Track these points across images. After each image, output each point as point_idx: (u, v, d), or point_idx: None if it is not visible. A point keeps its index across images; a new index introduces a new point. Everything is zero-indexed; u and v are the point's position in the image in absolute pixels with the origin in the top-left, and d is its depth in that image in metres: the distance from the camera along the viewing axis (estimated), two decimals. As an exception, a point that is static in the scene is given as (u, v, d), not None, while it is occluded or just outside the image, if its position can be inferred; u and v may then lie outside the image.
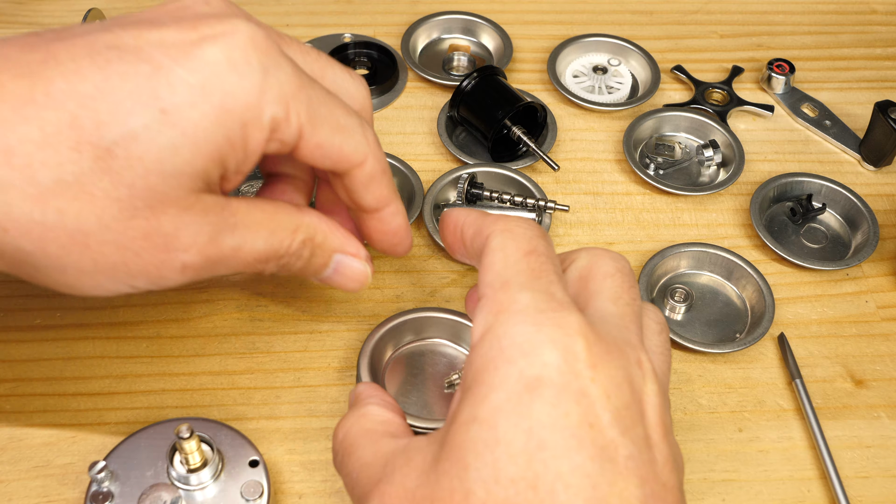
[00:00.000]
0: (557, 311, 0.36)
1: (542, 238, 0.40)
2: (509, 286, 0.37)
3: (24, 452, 0.48)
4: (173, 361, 0.51)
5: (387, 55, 0.67)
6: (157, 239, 0.38)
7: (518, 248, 0.39)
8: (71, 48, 0.37)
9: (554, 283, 0.38)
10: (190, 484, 0.44)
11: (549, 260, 0.39)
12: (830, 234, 0.60)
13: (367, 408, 0.43)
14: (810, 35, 0.73)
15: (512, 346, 0.36)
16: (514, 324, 0.36)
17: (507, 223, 0.40)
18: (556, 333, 0.35)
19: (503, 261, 0.39)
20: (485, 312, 0.37)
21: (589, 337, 0.36)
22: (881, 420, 0.51)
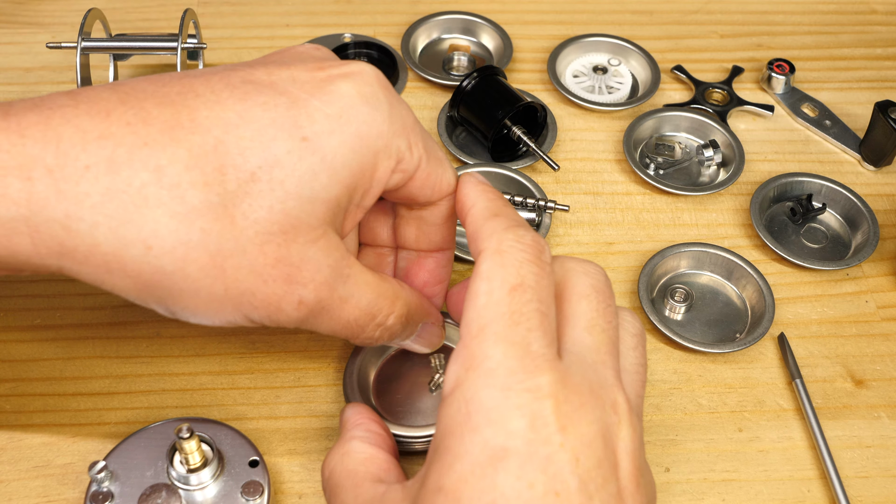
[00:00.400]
0: (528, 371, 0.36)
1: (533, 263, 0.38)
2: (484, 334, 0.36)
3: (24, 452, 0.48)
4: (173, 361, 0.51)
5: (387, 55, 0.67)
6: (284, 268, 0.39)
7: (504, 281, 0.38)
8: (208, 82, 0.39)
9: (533, 328, 0.37)
10: (190, 484, 0.44)
11: (535, 296, 0.38)
12: (830, 234, 0.60)
13: (350, 444, 0.43)
14: (810, 35, 0.73)
15: (479, 412, 0.35)
16: (482, 387, 0.36)
17: (500, 242, 0.39)
18: (525, 399, 0.35)
19: (486, 296, 0.37)
20: (458, 363, 0.37)
21: (559, 396, 0.35)
22: (881, 420, 0.51)
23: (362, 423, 0.45)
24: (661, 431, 0.50)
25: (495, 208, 0.41)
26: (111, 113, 0.37)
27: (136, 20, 0.70)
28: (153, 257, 0.37)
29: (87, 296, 0.54)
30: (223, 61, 0.67)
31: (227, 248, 0.38)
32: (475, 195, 0.42)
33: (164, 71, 0.66)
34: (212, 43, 0.68)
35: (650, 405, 0.51)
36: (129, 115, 0.37)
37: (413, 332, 0.47)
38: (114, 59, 0.63)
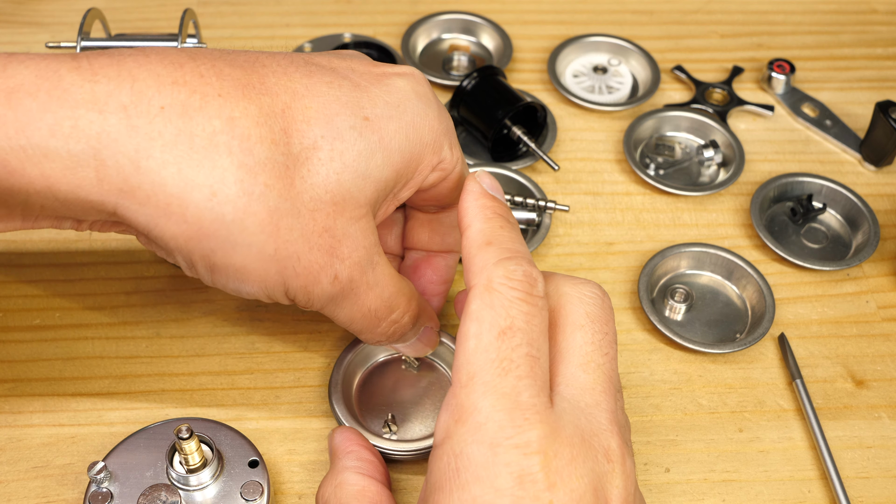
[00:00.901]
0: (517, 425, 0.35)
1: (524, 301, 0.38)
2: (474, 384, 0.36)
3: (24, 453, 0.47)
4: (173, 361, 0.51)
5: (387, 55, 0.67)
6: (329, 238, 0.40)
7: (493, 324, 0.37)
8: (273, 57, 0.41)
9: (524, 376, 0.36)
10: (190, 484, 0.44)
11: (525, 338, 0.37)
12: (831, 234, 0.60)
13: (343, 475, 0.43)
14: (811, 35, 0.73)
15: (467, 468, 0.35)
16: (470, 442, 0.35)
17: (490, 278, 0.38)
18: (513, 455, 0.35)
19: (476, 339, 0.37)
20: (448, 413, 0.37)
21: (549, 451, 0.35)
22: (882, 420, 0.51)
23: (353, 451, 0.44)
24: (661, 432, 0.50)
25: (490, 232, 0.40)
26: (184, 65, 0.39)
27: (135, 20, 0.70)
28: (216, 203, 0.38)
29: (87, 296, 0.54)
30: (223, 61, 0.67)
31: (284, 207, 0.39)
32: (473, 213, 0.41)
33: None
34: (212, 43, 0.68)
35: (650, 405, 0.51)
36: (202, 68, 0.39)
37: (416, 335, 0.47)
38: (113, 58, 0.63)
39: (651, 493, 0.48)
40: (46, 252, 0.56)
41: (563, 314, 0.40)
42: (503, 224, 0.41)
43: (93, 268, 0.55)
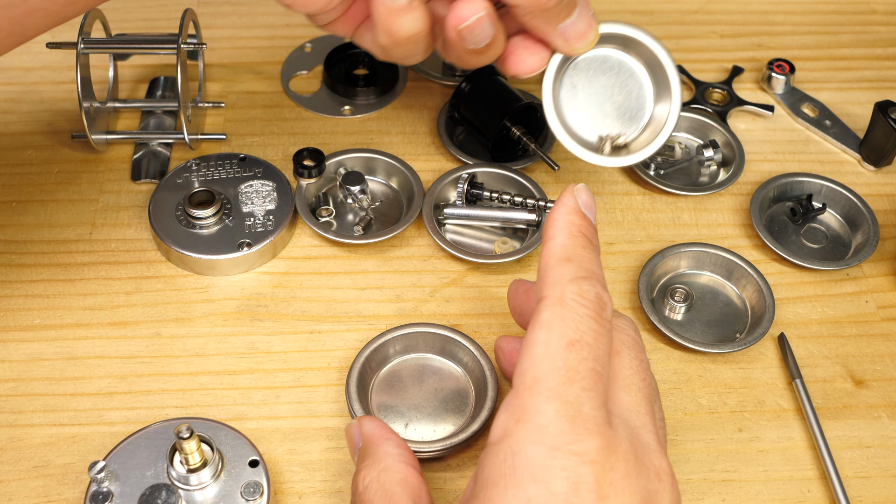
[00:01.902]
0: (578, 433, 0.36)
1: (594, 320, 0.38)
2: (538, 388, 0.37)
3: (24, 452, 0.48)
4: (173, 361, 0.51)
5: (387, 55, 0.67)
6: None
7: (563, 335, 0.38)
8: None
9: (587, 388, 0.37)
10: (190, 484, 0.44)
11: (592, 354, 0.38)
12: (830, 234, 0.60)
13: (387, 460, 0.43)
14: (810, 35, 0.73)
15: (525, 467, 0.35)
16: (530, 442, 0.36)
17: (563, 293, 0.39)
18: (571, 461, 0.35)
19: (544, 347, 0.37)
20: (508, 412, 0.37)
21: (605, 464, 0.36)
22: (881, 420, 0.51)
23: (392, 439, 0.45)
24: (661, 431, 0.50)
25: (571, 249, 0.40)
26: None
27: (135, 20, 0.70)
28: None
29: (87, 296, 0.54)
30: (223, 61, 0.67)
31: None
32: (559, 226, 0.41)
33: (164, 70, 0.66)
34: (212, 43, 0.68)
35: (650, 405, 0.51)
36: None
37: (573, 12, 0.49)
38: (114, 58, 0.63)
39: (651, 492, 0.48)
40: (46, 252, 0.56)
41: None
42: (586, 244, 0.41)
43: (93, 268, 0.55)
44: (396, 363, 0.51)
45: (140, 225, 0.57)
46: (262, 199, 0.57)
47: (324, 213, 0.58)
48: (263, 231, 0.56)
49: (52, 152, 0.61)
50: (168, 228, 0.55)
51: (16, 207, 0.58)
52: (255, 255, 0.55)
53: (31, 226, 0.57)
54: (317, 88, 0.66)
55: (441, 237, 0.56)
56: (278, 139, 0.63)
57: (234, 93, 0.65)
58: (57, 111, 0.63)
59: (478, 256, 0.56)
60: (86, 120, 0.57)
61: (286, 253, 0.57)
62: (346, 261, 0.57)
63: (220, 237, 0.55)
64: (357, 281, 0.56)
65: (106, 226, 0.57)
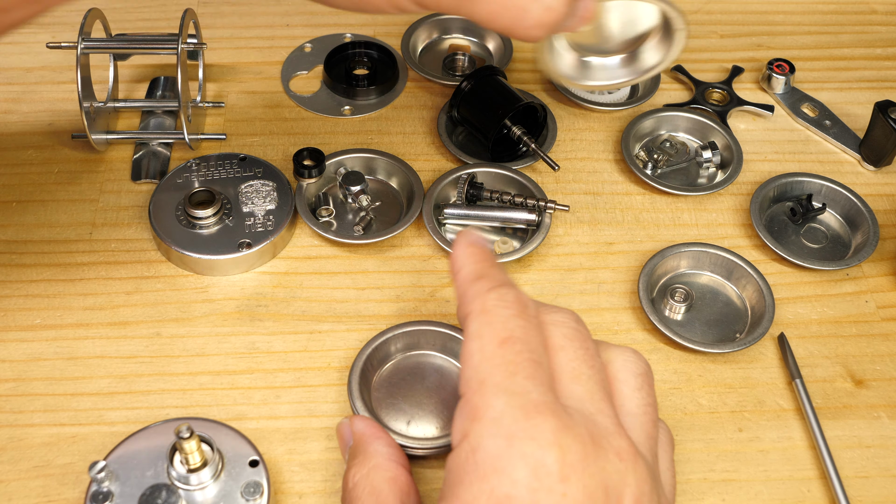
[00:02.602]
0: (532, 418, 0.36)
1: (518, 317, 0.39)
2: (485, 388, 0.37)
3: (25, 452, 0.48)
4: (173, 361, 0.51)
5: (387, 55, 0.67)
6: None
7: (494, 336, 0.39)
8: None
9: (530, 377, 0.38)
10: (190, 484, 0.44)
11: (525, 346, 0.39)
12: (830, 234, 0.60)
13: (377, 458, 0.44)
14: (810, 35, 0.73)
15: (484, 461, 0.36)
16: (487, 436, 0.36)
17: (484, 302, 0.40)
18: (528, 447, 0.36)
19: (479, 353, 0.38)
20: (463, 416, 0.38)
21: (562, 444, 0.36)
22: (881, 420, 0.51)
23: (382, 438, 0.45)
24: (661, 431, 0.50)
25: (480, 270, 0.42)
26: None
27: (135, 20, 0.70)
28: None
29: (87, 296, 0.54)
30: (223, 61, 0.67)
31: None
32: (463, 258, 0.43)
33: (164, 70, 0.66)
34: (212, 43, 0.68)
35: (650, 405, 0.51)
36: None
37: (573, 14, 0.45)
38: (114, 58, 0.63)
39: (651, 492, 0.48)
40: (46, 252, 0.56)
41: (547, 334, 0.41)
42: (492, 264, 0.43)
43: (93, 268, 0.55)
44: (398, 361, 0.51)
45: (140, 225, 0.57)
46: (262, 199, 0.57)
47: (324, 213, 0.58)
48: (263, 231, 0.56)
49: (52, 152, 0.61)
50: (168, 228, 0.55)
51: (16, 207, 0.58)
52: (255, 255, 0.55)
53: (31, 226, 0.57)
54: (317, 88, 0.66)
55: (441, 237, 0.56)
56: (278, 139, 0.63)
57: (234, 93, 0.65)
58: (57, 111, 0.63)
59: (478, 256, 0.56)
60: (86, 120, 0.57)
61: (286, 253, 0.57)
62: (346, 261, 0.57)
63: (220, 237, 0.55)
64: (357, 281, 0.56)
65: (106, 226, 0.57)
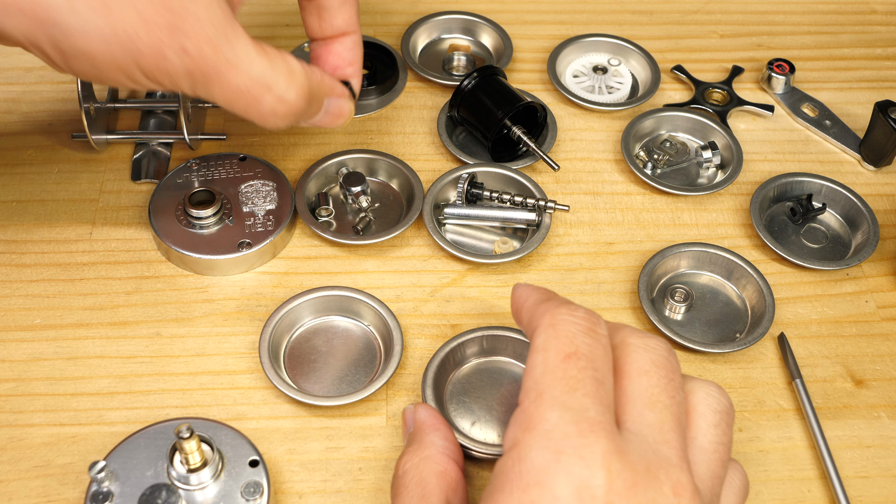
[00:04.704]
0: (584, 436, 0.36)
1: (586, 334, 0.39)
2: (542, 399, 0.37)
3: (25, 452, 0.48)
4: (173, 361, 0.51)
5: (387, 55, 0.67)
6: (166, 14, 0.41)
7: (559, 350, 0.38)
8: None
9: (590, 395, 0.37)
10: (190, 484, 0.44)
11: (590, 364, 0.38)
12: (830, 234, 0.60)
13: (430, 450, 0.44)
14: (810, 35, 0.73)
15: (529, 472, 0.35)
16: (536, 447, 0.36)
17: (553, 316, 0.40)
18: (576, 465, 0.35)
19: (542, 365, 0.38)
20: (516, 425, 0.37)
21: (612, 468, 0.35)
22: (881, 420, 0.51)
23: (441, 430, 0.45)
24: (661, 431, 0.50)
25: (547, 296, 0.43)
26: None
27: (136, 20, 0.70)
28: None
29: (87, 296, 0.54)
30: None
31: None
32: (527, 293, 0.44)
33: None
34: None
35: (650, 405, 0.51)
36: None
37: (319, 109, 0.49)
38: (114, 58, 0.63)
39: (651, 492, 0.48)
40: (46, 252, 0.56)
41: (628, 362, 0.40)
42: (554, 295, 0.43)
43: (93, 268, 0.55)
44: (479, 363, 0.52)
45: (140, 225, 0.57)
46: (262, 199, 0.57)
47: (323, 213, 0.58)
48: (263, 231, 0.56)
49: (52, 152, 0.61)
50: (168, 228, 0.55)
51: (16, 207, 0.58)
52: (255, 255, 0.55)
53: (31, 226, 0.57)
54: (317, 88, 0.66)
55: (441, 237, 0.56)
56: (278, 139, 0.63)
57: (234, 93, 0.65)
58: (57, 111, 0.63)
59: (478, 256, 0.56)
60: (86, 120, 0.57)
61: (286, 253, 0.57)
62: (346, 261, 0.57)
63: (220, 237, 0.55)
64: (357, 281, 0.56)
65: (106, 226, 0.57)
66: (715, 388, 0.42)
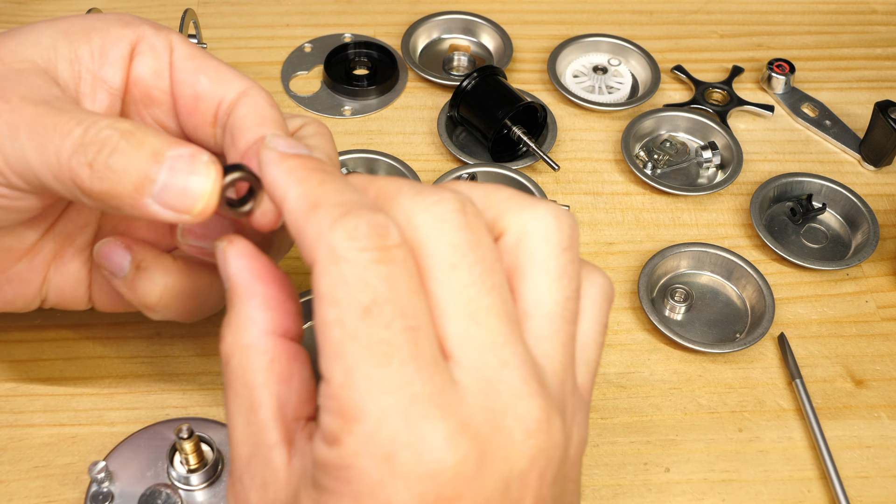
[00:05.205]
0: (416, 427, 0.29)
1: (379, 262, 0.30)
2: (354, 381, 0.30)
3: (25, 453, 0.48)
4: (173, 361, 0.51)
5: (387, 55, 0.67)
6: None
7: (353, 304, 0.30)
8: None
9: (408, 360, 0.30)
10: (190, 484, 0.44)
11: (397, 311, 0.30)
12: (830, 234, 0.60)
13: (248, 334, 0.35)
14: (810, 35, 0.73)
15: (360, 481, 0.30)
16: (363, 454, 0.30)
17: (331, 248, 0.30)
18: (412, 467, 0.29)
19: (338, 326, 0.30)
20: (330, 413, 0.30)
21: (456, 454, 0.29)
22: (881, 420, 0.51)
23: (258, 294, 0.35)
24: (661, 431, 0.50)
25: (311, 194, 0.32)
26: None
27: (136, 20, 0.70)
28: None
29: (87, 296, 0.54)
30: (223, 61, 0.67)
31: None
32: (283, 180, 0.33)
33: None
34: (212, 43, 0.68)
35: (650, 405, 0.51)
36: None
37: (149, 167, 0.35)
38: (114, 59, 0.63)
39: (651, 492, 0.48)
40: (47, 252, 0.56)
41: (424, 254, 0.32)
42: (323, 178, 0.33)
43: (93, 268, 0.55)
44: None
45: (140, 225, 0.57)
46: (262, 200, 0.57)
47: (324, 213, 0.58)
48: (263, 231, 0.56)
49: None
50: (168, 228, 0.55)
51: (16, 207, 0.58)
52: (256, 256, 0.55)
53: (32, 226, 0.57)
54: (317, 88, 0.66)
55: (441, 237, 0.56)
56: (278, 139, 0.63)
57: (234, 93, 0.65)
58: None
59: (478, 256, 0.56)
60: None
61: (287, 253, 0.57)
62: (346, 261, 0.56)
63: (220, 237, 0.55)
64: (357, 281, 0.55)
65: (106, 226, 0.57)
66: (552, 218, 0.34)
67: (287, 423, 0.34)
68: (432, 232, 0.32)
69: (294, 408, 0.34)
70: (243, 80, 0.42)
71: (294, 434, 0.34)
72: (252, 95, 0.41)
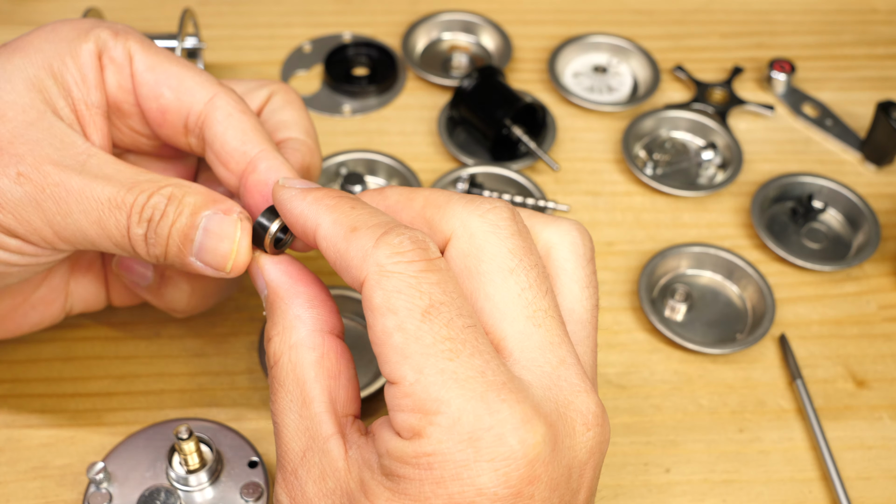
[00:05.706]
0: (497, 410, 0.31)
1: (427, 270, 0.32)
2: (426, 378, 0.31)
3: (23, 453, 0.47)
4: (173, 361, 0.51)
5: (387, 55, 0.67)
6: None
7: (412, 308, 0.32)
8: None
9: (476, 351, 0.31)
10: (189, 485, 0.44)
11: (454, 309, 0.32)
12: (831, 235, 0.60)
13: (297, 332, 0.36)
14: (811, 34, 0.73)
15: (444, 465, 0.31)
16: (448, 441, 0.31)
17: (379, 264, 0.32)
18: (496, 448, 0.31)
19: (400, 332, 0.32)
20: (406, 410, 0.32)
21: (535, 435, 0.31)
22: (883, 421, 0.51)
23: (302, 294, 0.37)
24: (661, 432, 0.50)
25: (347, 220, 0.34)
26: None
27: (135, 19, 0.70)
28: None
29: (86, 296, 0.54)
30: (223, 61, 0.67)
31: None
32: (312, 213, 0.35)
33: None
34: (211, 42, 0.68)
35: (650, 405, 0.51)
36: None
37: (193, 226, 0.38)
38: (113, 58, 0.63)
39: (651, 493, 0.48)
40: (46, 252, 0.56)
41: (481, 259, 0.34)
42: (353, 204, 0.35)
43: (92, 268, 0.55)
44: None
45: (139, 225, 0.57)
46: (261, 200, 0.57)
47: (323, 214, 0.58)
48: (263, 231, 0.56)
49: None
50: (167, 229, 0.55)
51: (15, 208, 0.58)
52: (255, 256, 0.55)
53: (30, 226, 0.57)
54: (317, 88, 0.66)
55: (441, 237, 0.56)
56: (278, 139, 0.63)
57: (233, 93, 0.65)
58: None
59: (478, 257, 0.56)
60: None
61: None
62: (345, 261, 0.56)
63: (219, 237, 0.55)
64: (357, 281, 0.55)
65: (105, 226, 0.57)
66: (575, 229, 0.37)
67: (338, 417, 0.36)
68: (490, 238, 0.34)
69: (343, 403, 0.36)
70: (208, 88, 0.42)
71: (345, 428, 0.35)
72: (221, 106, 0.41)
